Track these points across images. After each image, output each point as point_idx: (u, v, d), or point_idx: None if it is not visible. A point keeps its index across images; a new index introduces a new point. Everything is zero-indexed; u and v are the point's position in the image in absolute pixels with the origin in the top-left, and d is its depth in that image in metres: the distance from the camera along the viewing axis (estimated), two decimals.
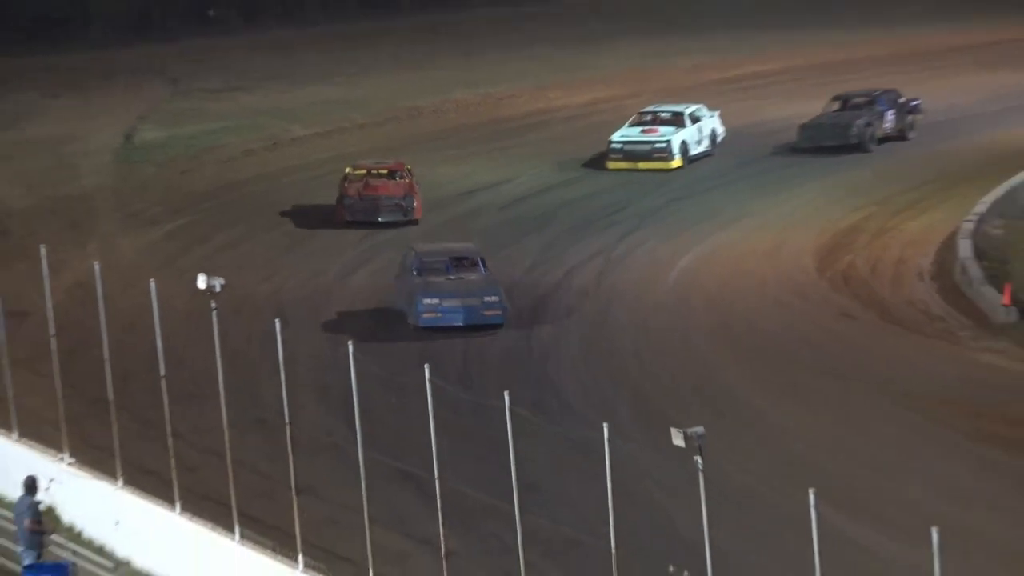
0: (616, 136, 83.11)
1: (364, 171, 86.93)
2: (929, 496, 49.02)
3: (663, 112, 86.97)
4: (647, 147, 78.16)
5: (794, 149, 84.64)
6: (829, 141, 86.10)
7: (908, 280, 79.42)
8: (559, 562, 45.56)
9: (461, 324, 70.24)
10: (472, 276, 72.62)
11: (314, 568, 45.88)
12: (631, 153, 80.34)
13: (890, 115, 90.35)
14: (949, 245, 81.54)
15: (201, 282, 49.30)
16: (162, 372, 50.72)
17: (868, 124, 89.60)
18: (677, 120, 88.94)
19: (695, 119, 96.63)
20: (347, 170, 79.29)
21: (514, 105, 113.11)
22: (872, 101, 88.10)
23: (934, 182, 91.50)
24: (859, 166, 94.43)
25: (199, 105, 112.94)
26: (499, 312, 71.41)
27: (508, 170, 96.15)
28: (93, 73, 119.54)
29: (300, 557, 45.23)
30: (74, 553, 51.36)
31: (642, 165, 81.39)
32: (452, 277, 72.35)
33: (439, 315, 69.47)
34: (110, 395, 52.74)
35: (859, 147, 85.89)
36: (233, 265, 58.80)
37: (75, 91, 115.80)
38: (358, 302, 75.89)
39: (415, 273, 73.91)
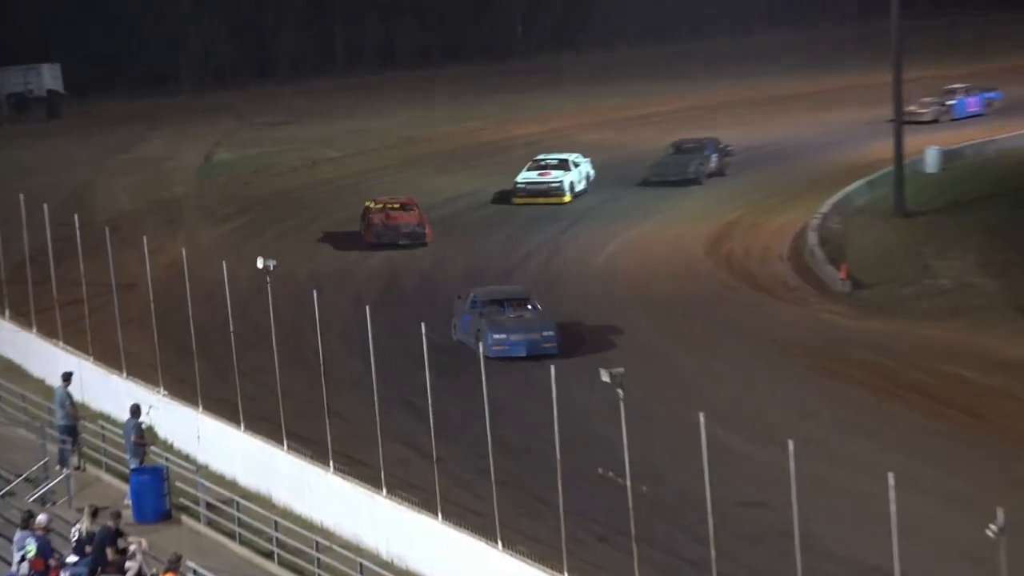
0: (519, 178, 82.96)
1: (382, 204, 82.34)
2: (787, 415, 49.43)
3: (552, 159, 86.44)
4: (545, 187, 78.56)
5: (645, 183, 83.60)
6: (672, 177, 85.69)
7: (772, 261, 79.22)
8: (520, 463, 45.29)
9: (524, 355, 65.43)
10: (528, 315, 68.67)
11: (341, 471, 45.54)
12: (532, 191, 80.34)
13: (714, 157, 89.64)
14: (801, 235, 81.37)
15: (259, 263, 49.05)
16: (231, 328, 50.38)
17: (700, 164, 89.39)
18: (563, 165, 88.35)
19: (576, 164, 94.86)
20: (368, 204, 74.56)
21: (485, 135, 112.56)
22: (700, 146, 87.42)
23: (784, 194, 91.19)
24: (706, 192, 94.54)
25: (258, 135, 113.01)
26: (554, 344, 65.84)
27: (481, 182, 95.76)
28: (183, 111, 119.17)
29: (331, 463, 44.92)
30: (167, 460, 50.97)
31: (540, 200, 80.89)
32: (512, 315, 68.57)
33: (507, 347, 65.80)
34: (193, 345, 52.36)
35: (695, 181, 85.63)
36: (282, 251, 58.49)
37: (170, 125, 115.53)
38: (374, 278, 75.55)
39: (479, 313, 68.74)
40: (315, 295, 46.01)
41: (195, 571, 38.83)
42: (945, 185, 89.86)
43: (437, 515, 41.26)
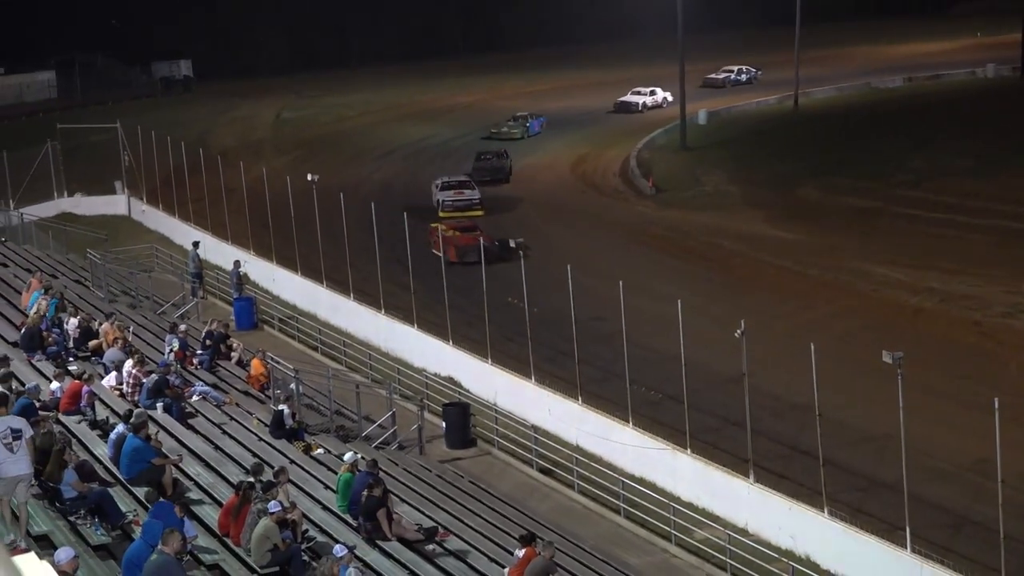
0: (441, 198, 67.73)
1: (453, 228, 61.07)
2: (620, 269, 46.83)
3: (456, 180, 70.85)
4: (465, 203, 66.89)
5: (471, 176, 72.61)
6: (489, 176, 74.79)
7: (608, 176, 78.55)
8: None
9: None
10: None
11: (360, 299, 45.40)
12: (455, 207, 66.55)
13: (508, 161, 77.89)
14: (626, 161, 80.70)
15: (309, 177, 48.68)
16: (292, 214, 49.94)
17: (505, 167, 77.97)
18: (468, 185, 71.35)
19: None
20: (441, 228, 57.68)
21: (441, 101, 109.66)
22: (502, 154, 78.33)
23: (613, 138, 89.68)
24: (562, 138, 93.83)
25: (309, 102, 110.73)
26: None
27: (437, 130, 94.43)
28: (262, 89, 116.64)
29: (351, 292, 44.60)
30: (255, 292, 50.86)
31: (462, 213, 65.99)
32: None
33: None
34: (270, 224, 51.97)
35: (506, 179, 76.10)
36: (323, 171, 57.20)
37: (254, 97, 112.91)
38: (397, 191, 72.44)
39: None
40: (373, 208, 45.80)
41: (271, 358, 38.64)
42: (710, 132, 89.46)
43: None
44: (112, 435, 26.58)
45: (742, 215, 66.38)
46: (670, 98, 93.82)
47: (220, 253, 55.31)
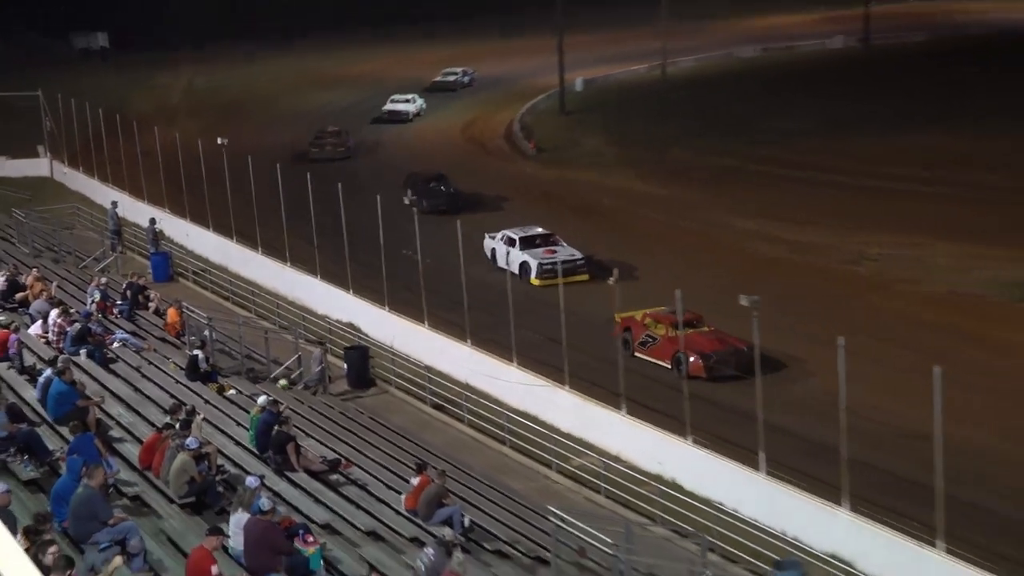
0: (527, 261, 46.47)
1: (667, 322, 37.48)
2: (507, 224, 46.76)
3: (532, 233, 48.96)
4: (569, 265, 44.23)
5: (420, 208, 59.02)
6: (445, 207, 55.65)
7: (495, 139, 78.77)
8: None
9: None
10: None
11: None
12: (554, 271, 40.21)
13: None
14: (511, 125, 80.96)
15: (219, 140, 48.35)
16: (203, 175, 49.55)
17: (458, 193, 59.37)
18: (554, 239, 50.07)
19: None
20: (649, 322, 37.95)
21: (343, 70, 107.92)
22: (443, 177, 61.13)
23: (499, 104, 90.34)
24: (454, 103, 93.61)
25: (221, 71, 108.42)
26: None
27: (337, 96, 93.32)
28: (178, 59, 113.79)
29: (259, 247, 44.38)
30: (171, 248, 50.48)
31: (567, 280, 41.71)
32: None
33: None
34: (183, 184, 51.46)
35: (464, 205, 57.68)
36: (233, 135, 56.25)
37: (169, 67, 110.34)
38: (303, 152, 70.76)
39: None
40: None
41: (186, 307, 38.50)
42: (587, 98, 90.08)
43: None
44: (40, 379, 26.66)
45: (618, 174, 66.76)
46: (424, 105, 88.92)
47: (137, 212, 54.63)
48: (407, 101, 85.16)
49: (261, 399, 28.49)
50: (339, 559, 21.29)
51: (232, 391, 32.67)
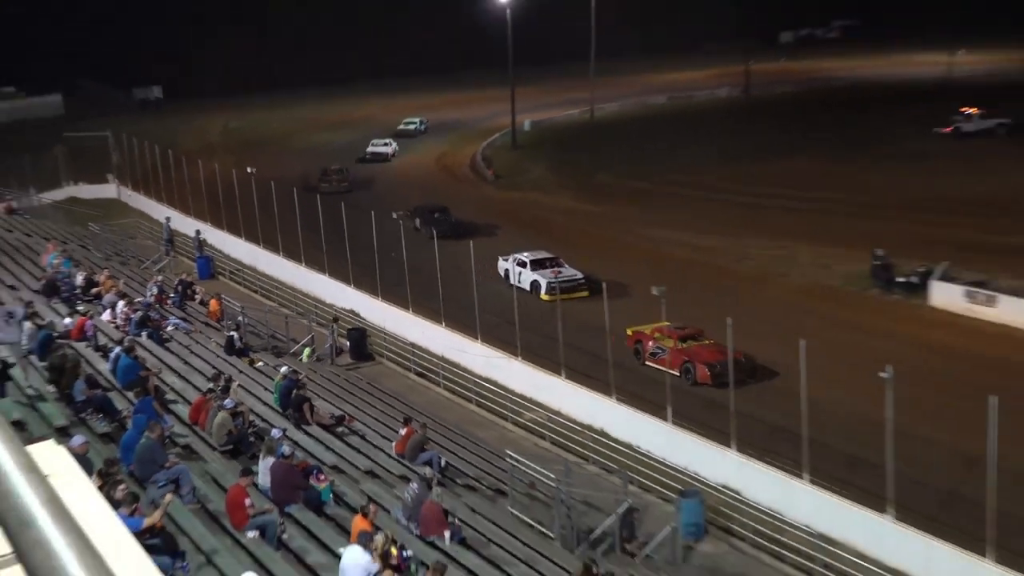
0: (537, 280, 43.31)
1: (673, 335, 35.00)
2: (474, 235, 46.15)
3: (540, 256, 45.07)
4: (571, 283, 41.96)
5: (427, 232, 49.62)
6: (449, 233, 47.88)
7: (462, 167, 78.32)
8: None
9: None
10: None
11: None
12: (561, 288, 38.23)
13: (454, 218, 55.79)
14: (475, 156, 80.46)
15: (248, 169, 47.78)
16: (237, 196, 49.17)
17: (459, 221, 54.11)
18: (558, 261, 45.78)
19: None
20: (655, 335, 35.39)
21: (343, 116, 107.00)
22: (445, 209, 55.50)
23: (465, 140, 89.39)
24: (427, 142, 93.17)
25: (247, 116, 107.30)
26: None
27: (339, 136, 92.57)
28: (216, 106, 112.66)
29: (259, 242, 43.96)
30: (213, 252, 50.04)
31: (569, 296, 40.83)
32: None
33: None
34: (221, 202, 50.89)
35: (464, 234, 50.18)
36: (259, 165, 55.70)
37: (208, 113, 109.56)
38: (313, 178, 68.28)
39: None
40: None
41: (224, 298, 38.25)
42: (533, 136, 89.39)
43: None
44: (111, 355, 26.59)
45: (557, 195, 66.41)
46: (397, 147, 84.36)
47: (185, 225, 53.92)
48: (385, 144, 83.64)
49: (283, 368, 28.83)
50: (344, 492, 21.44)
51: (260, 363, 32.51)
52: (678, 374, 33.31)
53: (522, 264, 44.55)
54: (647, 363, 34.78)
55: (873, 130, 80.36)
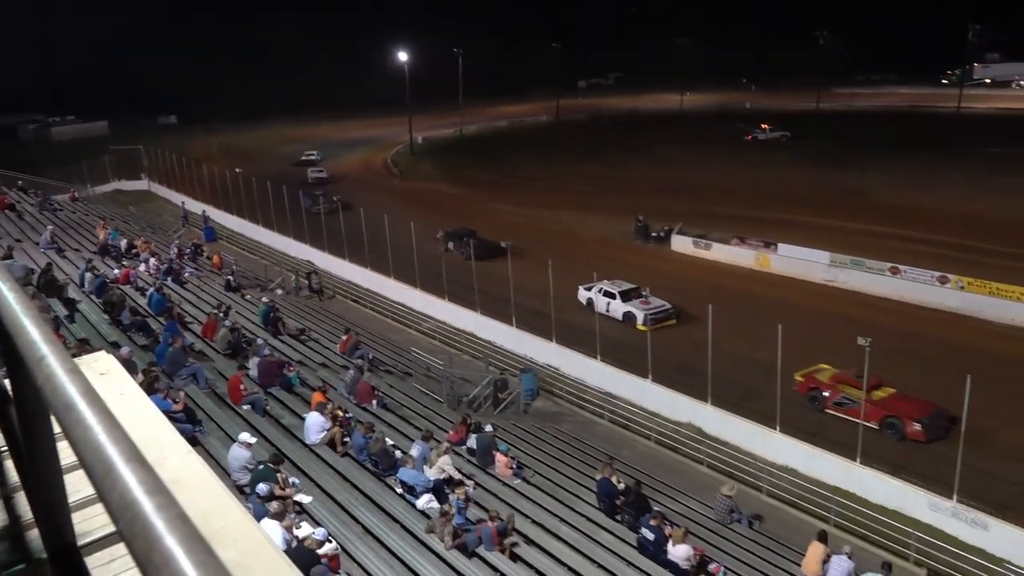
0: (632, 312, 29.60)
1: (848, 383, 21.46)
2: (390, 211, 43.04)
3: (626, 287, 31.04)
4: (662, 313, 28.81)
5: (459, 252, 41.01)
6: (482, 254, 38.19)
7: (379, 166, 76.17)
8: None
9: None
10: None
11: (284, 231, 42.53)
12: (655, 319, 27.41)
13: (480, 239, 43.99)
14: (386, 160, 78.52)
15: (237, 170, 45.23)
16: (229, 187, 46.77)
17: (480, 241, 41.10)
18: (642, 291, 31.71)
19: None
20: (840, 388, 21.70)
21: (307, 133, 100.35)
22: (473, 232, 42.23)
23: (381, 150, 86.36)
24: (358, 151, 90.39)
25: (239, 134, 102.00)
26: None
27: (302, 147, 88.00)
28: (216, 128, 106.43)
29: (267, 225, 41.88)
30: (215, 224, 47.62)
31: (661, 324, 28.26)
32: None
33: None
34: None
35: (488, 252, 38.00)
36: (244, 167, 52.92)
37: (210, 133, 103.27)
38: (284, 175, 62.52)
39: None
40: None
41: (224, 254, 36.55)
42: (424, 147, 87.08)
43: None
44: (147, 293, 25.25)
45: (439, 183, 65.16)
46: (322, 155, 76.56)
47: (195, 207, 51.04)
48: (312, 153, 76.29)
49: (264, 298, 27.94)
50: (306, 378, 20.87)
51: (249, 296, 31.23)
52: (877, 427, 21.00)
53: (610, 295, 30.75)
54: (828, 411, 22.19)
55: (638, 141, 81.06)
